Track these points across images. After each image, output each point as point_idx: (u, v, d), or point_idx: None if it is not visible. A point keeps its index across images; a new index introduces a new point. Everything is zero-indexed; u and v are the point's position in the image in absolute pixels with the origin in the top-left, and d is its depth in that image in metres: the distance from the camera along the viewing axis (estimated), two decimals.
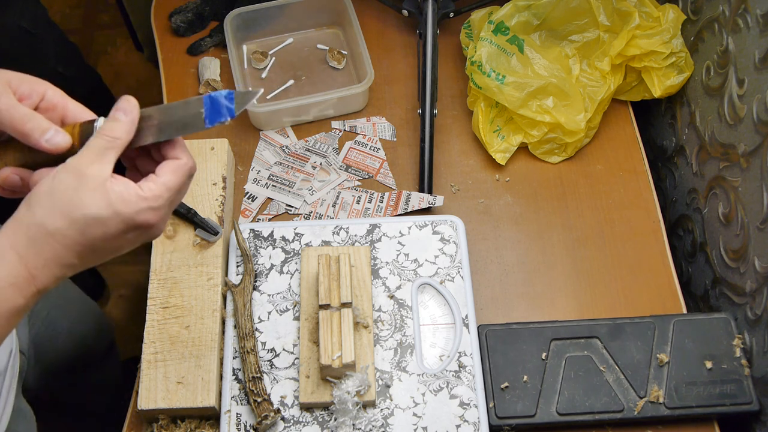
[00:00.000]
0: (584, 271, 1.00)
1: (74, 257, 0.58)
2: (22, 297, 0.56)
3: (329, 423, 0.84)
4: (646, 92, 1.10)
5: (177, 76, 1.18)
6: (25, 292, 0.56)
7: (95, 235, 0.57)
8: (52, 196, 0.57)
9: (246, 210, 1.05)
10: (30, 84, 0.61)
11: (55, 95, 0.62)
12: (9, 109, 0.58)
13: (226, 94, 0.61)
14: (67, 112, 0.62)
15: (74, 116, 0.62)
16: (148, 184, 0.60)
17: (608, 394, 0.87)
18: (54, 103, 0.62)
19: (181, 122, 0.61)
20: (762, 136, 0.88)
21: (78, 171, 0.57)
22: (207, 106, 0.61)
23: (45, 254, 0.57)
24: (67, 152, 0.61)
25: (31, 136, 0.59)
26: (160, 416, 0.86)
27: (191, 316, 0.89)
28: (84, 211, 0.56)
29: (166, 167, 0.61)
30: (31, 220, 0.56)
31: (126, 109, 0.60)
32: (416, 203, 1.04)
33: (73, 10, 2.28)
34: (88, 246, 0.58)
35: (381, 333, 0.89)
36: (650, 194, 1.06)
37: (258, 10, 1.17)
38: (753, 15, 0.90)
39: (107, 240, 0.58)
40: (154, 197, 0.59)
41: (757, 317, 0.89)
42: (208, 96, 0.62)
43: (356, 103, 1.13)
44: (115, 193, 0.57)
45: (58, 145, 0.60)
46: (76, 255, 0.58)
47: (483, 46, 1.05)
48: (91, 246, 0.58)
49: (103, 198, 0.57)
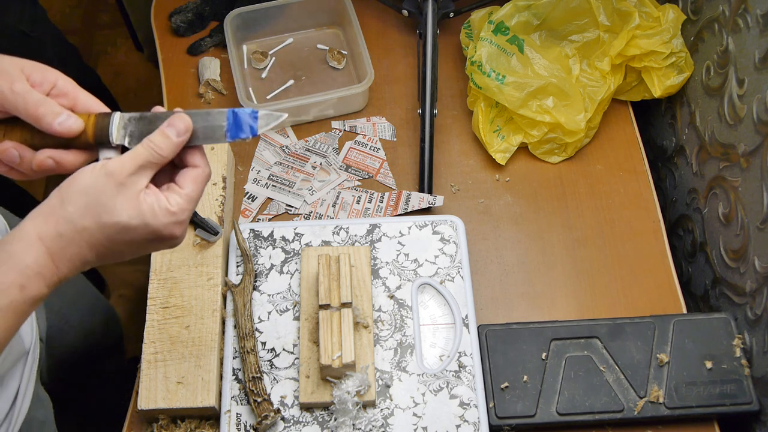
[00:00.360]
0: (584, 271, 1.00)
1: (95, 256, 0.60)
2: (46, 286, 0.58)
3: (329, 423, 0.84)
4: (646, 92, 1.10)
5: (177, 76, 1.18)
6: (49, 282, 0.58)
7: (121, 240, 0.60)
8: (87, 196, 0.58)
9: (246, 210, 1.05)
10: (42, 72, 0.63)
11: (66, 84, 0.63)
12: (23, 93, 0.60)
13: (251, 112, 0.63)
14: (77, 101, 0.63)
15: (84, 105, 0.64)
16: (174, 197, 0.62)
17: (608, 394, 0.87)
18: (64, 92, 0.63)
19: (201, 132, 0.63)
20: (762, 136, 0.88)
21: (116, 178, 0.59)
22: (230, 120, 0.63)
23: (71, 249, 0.59)
24: (76, 140, 0.62)
25: (44, 120, 0.60)
26: (160, 416, 0.86)
27: (191, 316, 0.89)
28: (115, 218, 0.59)
29: (188, 177, 0.63)
30: (61, 214, 0.58)
31: (180, 131, 0.62)
32: (416, 203, 1.04)
33: (73, 10, 2.28)
34: (111, 248, 0.60)
35: (381, 333, 0.89)
36: (650, 194, 1.06)
37: (258, 10, 1.17)
38: (753, 15, 0.90)
39: (130, 245, 0.61)
40: (180, 210, 0.61)
41: (757, 317, 0.89)
42: (232, 111, 0.63)
43: (356, 103, 1.13)
44: (147, 204, 0.60)
45: (70, 128, 0.61)
46: (97, 254, 0.60)
47: (483, 46, 1.05)
48: (114, 249, 0.61)
49: (135, 208, 0.59)
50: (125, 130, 0.63)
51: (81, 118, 0.62)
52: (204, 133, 0.63)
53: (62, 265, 0.59)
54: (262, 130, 0.63)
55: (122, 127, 0.63)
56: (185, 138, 0.62)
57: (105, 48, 2.20)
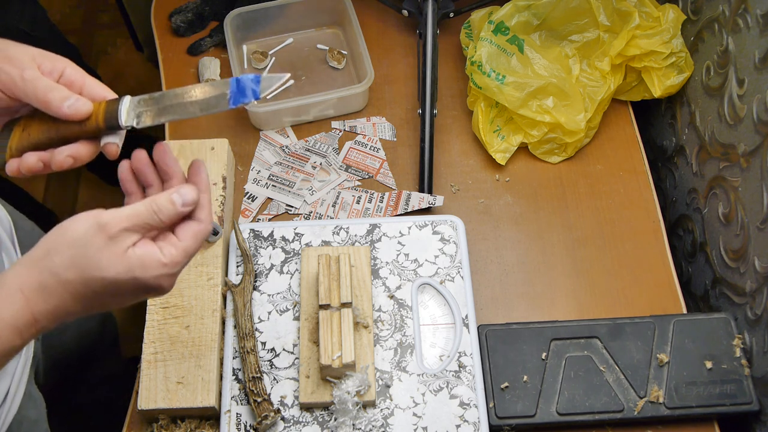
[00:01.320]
0: (584, 271, 1.00)
1: (80, 307, 0.59)
2: (20, 338, 0.57)
3: (329, 423, 0.84)
4: (646, 92, 1.10)
5: (177, 76, 1.18)
6: (25, 334, 0.57)
7: (107, 293, 0.58)
8: (72, 249, 0.57)
9: (246, 210, 1.05)
10: (52, 61, 0.63)
11: (74, 72, 0.64)
12: (33, 80, 0.60)
13: (253, 77, 0.63)
14: (84, 87, 0.64)
15: (90, 91, 0.64)
16: (169, 249, 0.60)
17: (608, 394, 0.87)
18: (72, 80, 0.63)
19: (204, 102, 0.63)
20: (762, 136, 0.88)
21: (108, 231, 0.57)
22: (233, 88, 0.63)
23: (52, 302, 0.57)
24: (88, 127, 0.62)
25: (52, 104, 0.60)
26: (160, 416, 0.86)
27: (191, 316, 0.89)
28: (102, 274, 0.57)
29: (190, 231, 0.61)
30: (45, 265, 0.57)
31: (186, 202, 0.61)
32: (416, 203, 1.04)
33: (73, 10, 2.28)
34: (97, 301, 0.59)
35: (381, 333, 0.89)
36: (650, 194, 1.06)
37: (258, 10, 1.17)
38: (753, 15, 0.90)
39: (115, 297, 0.60)
40: (173, 263, 0.60)
41: (757, 317, 0.89)
42: (236, 78, 0.63)
43: (356, 103, 1.13)
44: (137, 257, 0.58)
45: (78, 110, 0.61)
46: (83, 307, 0.59)
47: (483, 46, 1.05)
48: (100, 301, 0.59)
49: (123, 263, 0.57)
50: (134, 111, 0.63)
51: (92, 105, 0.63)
52: (208, 102, 0.63)
53: (42, 317, 0.57)
54: (265, 93, 0.62)
55: (131, 109, 0.63)
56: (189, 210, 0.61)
57: (105, 48, 2.20)
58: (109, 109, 0.63)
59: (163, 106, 0.63)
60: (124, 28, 2.01)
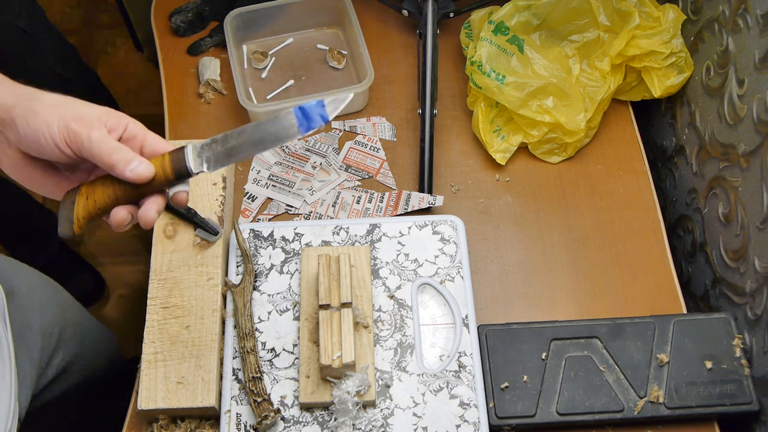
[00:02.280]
0: (584, 271, 1.00)
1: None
2: None
3: (329, 423, 0.84)
4: (646, 92, 1.10)
5: (177, 76, 1.18)
6: None
7: None
8: None
9: (246, 210, 1.05)
10: (117, 117, 0.65)
11: (135, 127, 0.66)
12: (98, 141, 0.62)
13: (317, 102, 0.65)
14: (145, 142, 0.66)
15: (151, 146, 0.66)
16: None
17: (608, 394, 0.87)
18: (134, 134, 0.66)
19: (275, 135, 0.65)
20: (762, 136, 0.88)
21: None
22: (298, 117, 0.64)
23: None
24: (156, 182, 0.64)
25: (117, 167, 0.62)
26: (160, 416, 0.86)
27: (191, 316, 0.89)
28: None
29: None
30: None
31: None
32: (416, 203, 1.04)
33: (73, 9, 2.28)
34: None
35: (381, 333, 0.89)
36: (650, 194, 1.06)
37: (258, 10, 1.17)
38: (753, 15, 0.90)
39: None
40: None
41: (757, 317, 0.89)
42: (298, 108, 0.65)
43: (356, 103, 1.13)
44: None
45: (140, 175, 0.63)
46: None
47: (483, 46, 1.05)
48: None
49: None
50: (200, 158, 0.65)
51: (155, 161, 0.64)
52: (276, 135, 0.64)
53: None
54: (333, 115, 0.64)
55: (197, 156, 0.65)
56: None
57: (105, 48, 2.19)
58: (174, 160, 0.64)
59: (230, 147, 0.65)
60: (123, 28, 2.01)
